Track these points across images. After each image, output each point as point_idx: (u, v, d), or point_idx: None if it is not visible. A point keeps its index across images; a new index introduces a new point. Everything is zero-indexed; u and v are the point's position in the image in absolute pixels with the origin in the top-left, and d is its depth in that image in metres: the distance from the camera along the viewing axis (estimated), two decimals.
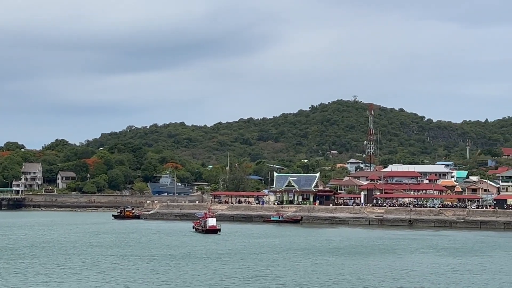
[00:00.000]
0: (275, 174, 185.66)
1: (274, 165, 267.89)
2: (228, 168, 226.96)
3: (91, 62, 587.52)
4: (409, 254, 78.32)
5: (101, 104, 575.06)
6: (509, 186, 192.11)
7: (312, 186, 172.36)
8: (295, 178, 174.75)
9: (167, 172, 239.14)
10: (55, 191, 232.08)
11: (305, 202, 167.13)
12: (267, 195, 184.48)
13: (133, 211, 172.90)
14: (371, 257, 72.71)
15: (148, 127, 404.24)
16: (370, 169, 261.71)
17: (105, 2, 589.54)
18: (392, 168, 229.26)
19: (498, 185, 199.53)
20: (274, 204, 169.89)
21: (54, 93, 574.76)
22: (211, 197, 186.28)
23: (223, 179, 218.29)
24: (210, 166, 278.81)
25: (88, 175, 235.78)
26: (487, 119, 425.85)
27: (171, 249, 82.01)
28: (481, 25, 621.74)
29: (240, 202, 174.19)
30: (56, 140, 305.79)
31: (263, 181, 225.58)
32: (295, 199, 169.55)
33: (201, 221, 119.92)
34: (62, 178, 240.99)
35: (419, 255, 78.36)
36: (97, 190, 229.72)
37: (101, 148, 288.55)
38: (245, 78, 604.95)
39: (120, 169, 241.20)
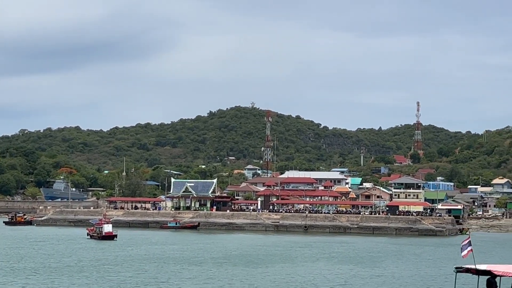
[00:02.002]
0: (172, 179, 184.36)
1: (172, 171, 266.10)
2: (124, 173, 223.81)
3: None
4: (303, 262, 78.79)
5: None
6: (401, 192, 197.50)
7: (210, 192, 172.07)
8: (192, 184, 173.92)
9: (61, 177, 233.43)
10: None
11: (202, 208, 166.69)
12: (164, 201, 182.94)
13: (25, 217, 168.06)
14: (264, 265, 72.63)
15: (41, 131, 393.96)
16: (267, 175, 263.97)
17: None
18: (289, 174, 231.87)
19: (391, 192, 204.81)
20: (171, 210, 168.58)
21: None
22: (106, 203, 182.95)
23: (119, 184, 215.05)
24: (106, 171, 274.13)
25: None
26: (380, 127, 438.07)
27: (64, 257, 79.51)
28: (376, 35, 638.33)
29: (136, 208, 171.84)
30: None
31: (160, 187, 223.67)
32: (192, 205, 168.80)
33: (96, 227, 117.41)
34: None
35: (312, 262, 79.00)
36: None
37: None
38: (142, 83, 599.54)
39: (11, 174, 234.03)
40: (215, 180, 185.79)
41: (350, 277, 63.45)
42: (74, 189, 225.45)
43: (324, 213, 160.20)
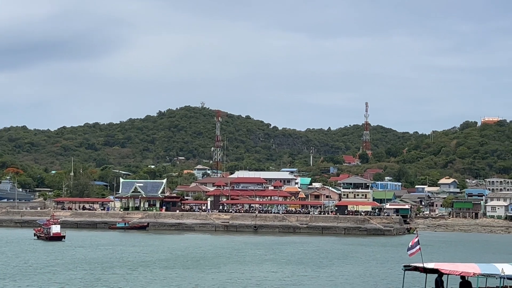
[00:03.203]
0: (121, 180, 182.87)
1: (120, 171, 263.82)
2: (72, 173, 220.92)
3: None
4: (252, 263, 78.75)
5: None
6: (349, 192, 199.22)
7: (159, 192, 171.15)
8: (141, 184, 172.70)
9: (7, 178, 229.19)
10: None
11: (151, 208, 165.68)
12: (112, 201, 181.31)
13: None
14: (212, 267, 72.35)
15: None
16: (217, 175, 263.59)
17: None
18: (239, 174, 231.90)
19: (340, 192, 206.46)
20: (119, 210, 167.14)
21: None
22: (54, 204, 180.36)
23: (66, 185, 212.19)
24: (54, 172, 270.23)
25: None
26: (329, 127, 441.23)
27: (10, 259, 77.97)
28: (326, 36, 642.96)
29: (84, 208, 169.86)
30: None
31: (108, 187, 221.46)
32: (141, 205, 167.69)
33: (43, 228, 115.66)
34: None
35: (262, 263, 79.03)
36: None
37: None
38: (91, 82, 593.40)
39: None
40: (164, 180, 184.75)
41: (300, 277, 63.58)
42: (20, 190, 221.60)
43: (274, 213, 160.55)
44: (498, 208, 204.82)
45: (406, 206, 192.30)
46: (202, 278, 60.70)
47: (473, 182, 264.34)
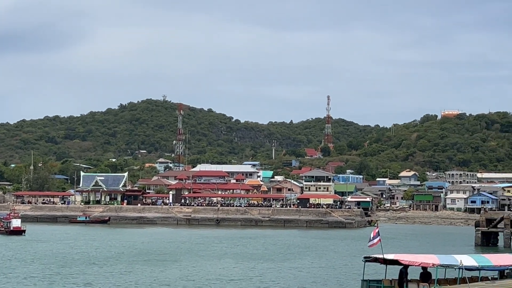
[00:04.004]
0: (82, 173, 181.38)
1: (81, 164, 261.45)
2: (32, 167, 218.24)
3: None
4: (214, 256, 78.65)
5: None
6: (311, 185, 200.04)
7: (120, 186, 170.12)
8: (102, 178, 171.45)
9: None
10: None
11: (112, 202, 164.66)
12: (73, 195, 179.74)
13: None
14: (173, 261, 72.06)
15: None
16: (179, 168, 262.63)
17: None
18: (201, 167, 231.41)
19: (302, 185, 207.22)
20: (80, 204, 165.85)
21: None
22: (13, 197, 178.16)
23: (26, 178, 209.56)
24: (13, 165, 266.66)
25: None
26: (291, 120, 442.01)
27: None
28: (288, 30, 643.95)
29: (44, 202, 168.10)
30: None
31: (69, 181, 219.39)
32: (103, 199, 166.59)
33: (4, 222, 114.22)
34: None
35: (224, 256, 79.01)
36: None
37: None
38: (51, 75, 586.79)
39: None
40: (126, 174, 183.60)
41: (261, 270, 63.67)
42: None
43: (236, 206, 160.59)
44: (458, 201, 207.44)
45: (367, 199, 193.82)
46: (162, 272, 60.40)
47: (433, 174, 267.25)
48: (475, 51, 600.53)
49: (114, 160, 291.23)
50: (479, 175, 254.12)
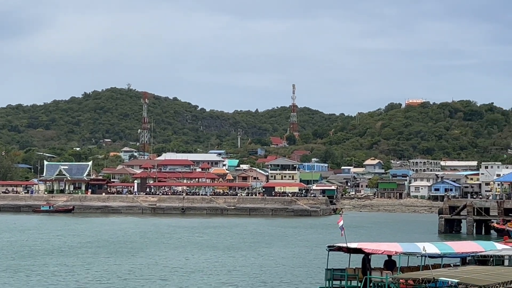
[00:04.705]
0: (45, 162, 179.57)
1: (45, 153, 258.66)
2: None
3: None
4: (178, 246, 78.43)
5: None
6: (277, 174, 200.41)
7: (84, 175, 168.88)
8: (66, 167, 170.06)
9: None
10: None
11: (76, 191, 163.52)
12: (36, 184, 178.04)
13: None
14: (137, 251, 71.69)
15: None
16: (144, 157, 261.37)
17: None
18: (166, 156, 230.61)
19: (267, 173, 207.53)
20: (44, 193, 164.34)
21: None
22: None
23: None
24: None
25: None
26: (257, 109, 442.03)
27: None
28: (253, 18, 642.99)
29: (6, 192, 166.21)
30: None
31: (32, 170, 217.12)
32: (67, 188, 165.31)
33: None
34: None
35: (188, 246, 78.84)
36: None
37: None
38: (13, 62, 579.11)
39: None
40: (90, 163, 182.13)
41: (226, 260, 63.62)
42: None
43: (202, 195, 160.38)
44: (422, 188, 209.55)
45: (333, 187, 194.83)
46: (126, 262, 60.02)
47: (397, 163, 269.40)
48: (438, 40, 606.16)
49: (78, 149, 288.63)
50: (442, 163, 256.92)
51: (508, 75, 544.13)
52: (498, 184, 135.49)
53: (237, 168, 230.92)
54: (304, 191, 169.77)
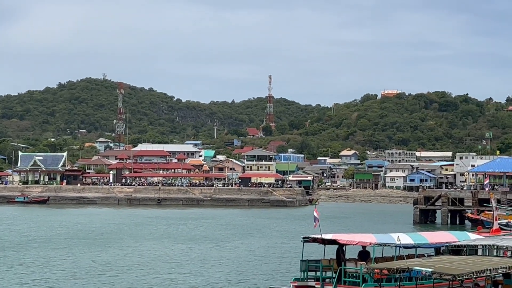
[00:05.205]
0: (20, 153, 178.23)
1: (19, 144, 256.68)
2: None
3: None
4: (151, 238, 78.20)
5: None
6: (253, 164, 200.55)
7: (59, 166, 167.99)
8: (41, 158, 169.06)
9: None
10: None
11: (51, 182, 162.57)
12: (11, 175, 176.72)
13: None
14: (110, 243, 71.36)
15: None
16: (119, 148, 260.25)
17: None
18: (142, 147, 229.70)
19: (243, 164, 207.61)
20: (18, 184, 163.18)
21: None
22: None
23: None
24: None
25: None
26: (234, 100, 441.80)
27: None
28: (230, 8, 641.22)
29: None
30: None
31: (7, 161, 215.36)
32: (41, 179, 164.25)
33: None
34: None
35: (161, 238, 78.68)
36: None
37: None
38: None
39: None
40: (65, 154, 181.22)
41: (202, 250, 63.54)
42: None
43: (178, 186, 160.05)
44: (397, 179, 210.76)
45: (309, 178, 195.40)
46: (100, 253, 59.71)
47: (373, 153, 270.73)
48: (415, 31, 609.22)
49: (53, 139, 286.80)
50: (417, 153, 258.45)
51: (483, 66, 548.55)
52: (473, 175, 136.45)
53: (213, 159, 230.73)
54: (280, 181, 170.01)
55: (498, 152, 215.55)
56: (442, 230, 54.89)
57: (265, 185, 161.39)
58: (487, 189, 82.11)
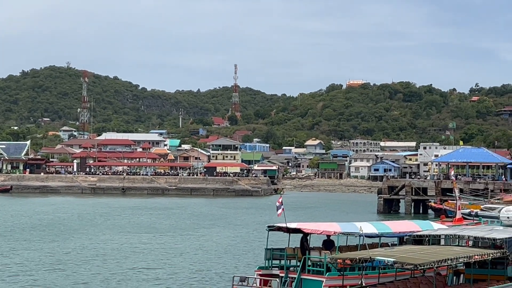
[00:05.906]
0: None
1: None
2: None
3: None
4: (114, 229, 77.79)
5: None
6: (218, 154, 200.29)
7: (22, 154, 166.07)
8: (4, 146, 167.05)
9: None
10: None
11: (14, 170, 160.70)
12: None
13: None
14: (71, 233, 70.82)
15: None
16: (84, 137, 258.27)
17: None
18: (106, 136, 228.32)
19: (209, 153, 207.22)
20: None
21: None
22: None
23: None
24: None
25: None
26: (199, 89, 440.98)
27: None
28: None
29: None
30: None
31: None
32: (4, 167, 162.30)
33: None
34: None
35: (123, 228, 78.29)
36: None
37: None
38: None
39: None
40: (28, 142, 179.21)
41: (166, 240, 63.33)
42: None
43: (142, 175, 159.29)
44: (362, 169, 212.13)
45: (274, 167, 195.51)
46: (63, 243, 59.18)
47: (338, 143, 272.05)
48: (379, 22, 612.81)
49: (16, 128, 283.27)
50: (382, 143, 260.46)
51: (446, 57, 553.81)
52: (436, 165, 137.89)
53: (179, 148, 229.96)
54: (245, 171, 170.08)
55: (461, 142, 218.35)
56: (405, 219, 55.19)
57: (231, 174, 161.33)
58: (454, 178, 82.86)
